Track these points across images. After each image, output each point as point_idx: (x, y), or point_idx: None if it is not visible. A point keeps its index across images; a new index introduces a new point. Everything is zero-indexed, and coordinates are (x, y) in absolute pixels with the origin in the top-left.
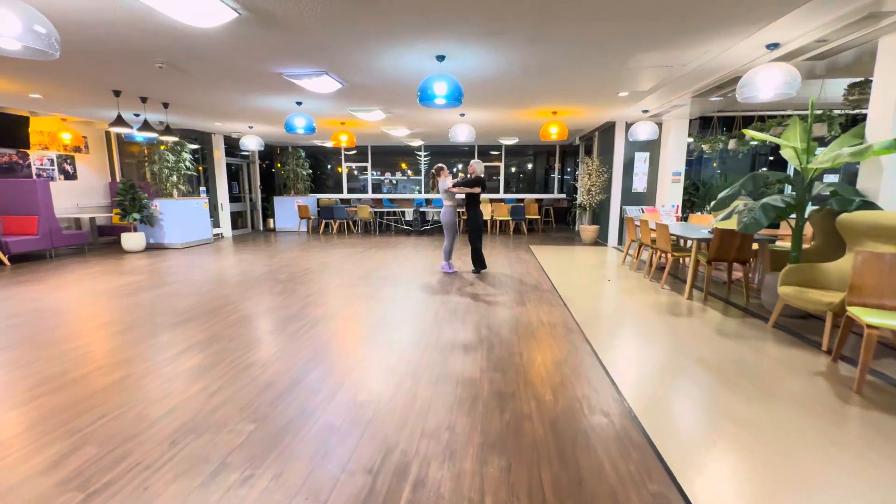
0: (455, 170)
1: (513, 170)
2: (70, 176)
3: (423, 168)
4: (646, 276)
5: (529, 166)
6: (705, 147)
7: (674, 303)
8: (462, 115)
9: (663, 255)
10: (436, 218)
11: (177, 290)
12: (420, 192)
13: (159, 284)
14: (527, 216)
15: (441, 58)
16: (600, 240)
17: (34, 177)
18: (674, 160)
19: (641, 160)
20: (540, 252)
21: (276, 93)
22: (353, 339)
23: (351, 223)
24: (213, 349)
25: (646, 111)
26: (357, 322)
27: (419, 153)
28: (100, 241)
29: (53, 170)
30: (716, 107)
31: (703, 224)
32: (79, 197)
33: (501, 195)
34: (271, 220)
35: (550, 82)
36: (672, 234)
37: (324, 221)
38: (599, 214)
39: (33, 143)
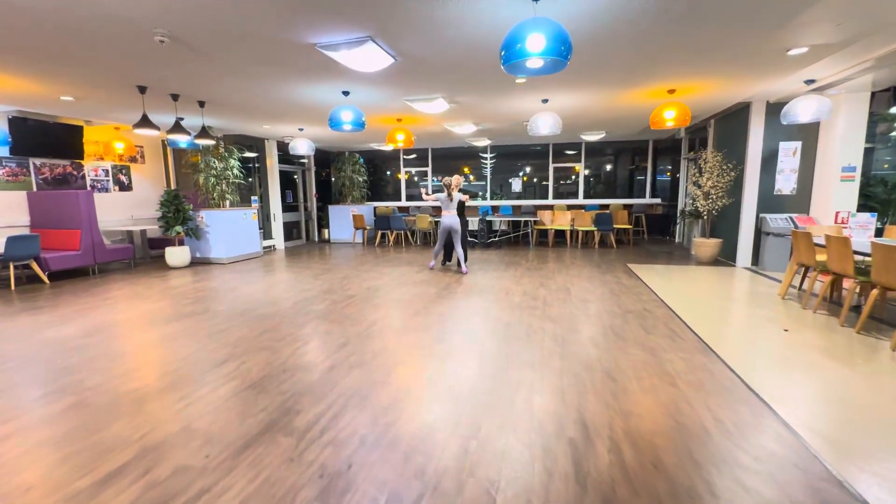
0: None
1: (586, 171)
2: (125, 187)
3: (488, 172)
4: (816, 312)
5: (608, 167)
6: None
7: None
8: (545, 100)
9: (854, 283)
10: (504, 228)
11: (190, 327)
12: (485, 198)
13: (175, 316)
14: (615, 226)
15: None
16: (723, 257)
17: (88, 188)
18: (845, 150)
19: (788, 152)
20: (646, 274)
21: (315, 78)
22: (394, 464)
23: (409, 234)
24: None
25: (810, 81)
26: (410, 421)
27: (484, 155)
28: (151, 254)
29: (108, 181)
30: None
31: None
32: (133, 208)
33: (581, 201)
34: (326, 231)
35: (691, 36)
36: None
37: (380, 232)
38: (719, 224)
39: (88, 154)
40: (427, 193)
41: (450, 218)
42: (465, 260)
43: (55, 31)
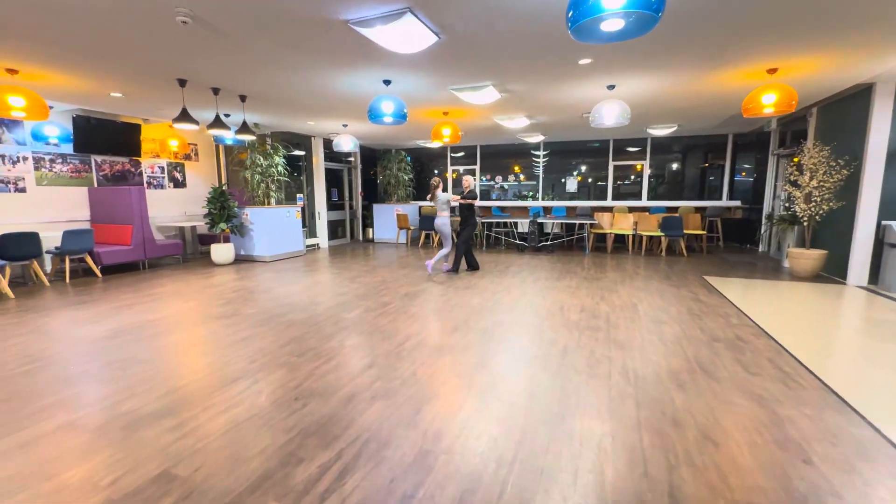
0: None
1: (648, 171)
2: (179, 184)
3: (540, 171)
4: None
5: (674, 166)
6: None
7: None
8: (611, 86)
9: None
10: (556, 231)
11: (213, 333)
12: (537, 198)
13: (203, 319)
14: (685, 231)
15: None
16: (827, 272)
17: (144, 185)
18: None
19: None
20: (730, 290)
21: (352, 65)
22: None
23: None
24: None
25: None
26: (438, 491)
27: (536, 153)
28: (200, 249)
29: (163, 177)
30: None
31: None
32: (186, 205)
33: (645, 202)
34: (370, 230)
35: None
36: None
37: (423, 233)
38: (823, 232)
39: (145, 151)
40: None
41: (437, 220)
42: (454, 268)
43: (76, 17)
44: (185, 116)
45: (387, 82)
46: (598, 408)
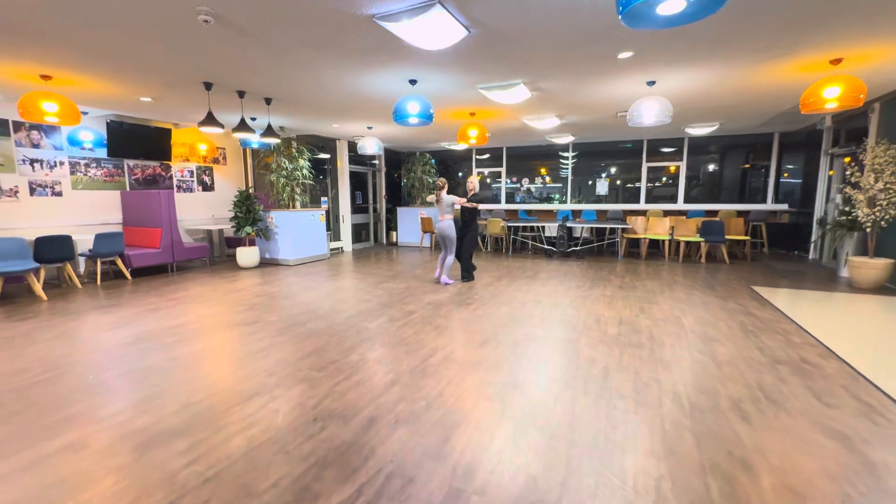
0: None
1: (685, 172)
2: (208, 187)
3: (569, 173)
4: None
5: (711, 168)
6: None
7: None
8: (651, 83)
9: None
10: (586, 235)
11: (234, 341)
12: (564, 201)
13: (225, 326)
14: (726, 237)
15: None
16: (894, 284)
17: (175, 188)
18: None
19: None
20: (785, 303)
21: (377, 64)
22: None
23: (479, 239)
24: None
25: None
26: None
27: (565, 154)
28: (227, 252)
29: (192, 181)
30: None
31: None
32: (214, 208)
33: (681, 206)
34: (394, 234)
35: None
36: None
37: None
38: (888, 239)
39: (175, 155)
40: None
41: (441, 223)
42: (466, 274)
43: (100, 21)
44: (210, 120)
45: (413, 82)
46: (650, 442)
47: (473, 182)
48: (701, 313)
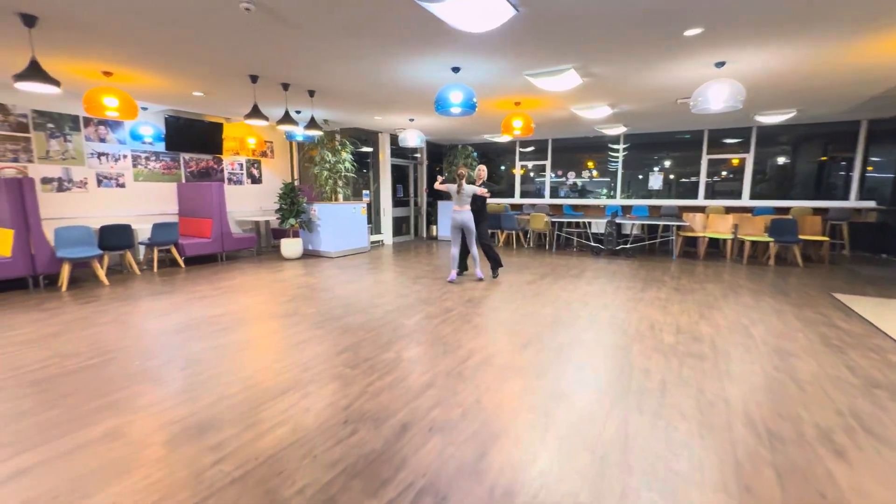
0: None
1: (752, 165)
2: (256, 180)
3: (619, 166)
4: None
5: (781, 160)
6: None
7: None
8: (720, 63)
9: None
10: (637, 232)
11: (271, 333)
12: (613, 195)
13: (265, 317)
14: (800, 237)
15: None
16: None
17: (226, 181)
18: None
19: None
20: (877, 315)
21: (418, 50)
22: None
23: (521, 234)
24: None
25: None
26: None
27: (614, 146)
28: (273, 243)
29: (242, 174)
30: None
31: None
32: (262, 200)
33: (746, 202)
34: (434, 227)
35: None
36: None
37: (489, 231)
38: None
39: (226, 149)
40: (441, 183)
41: (461, 214)
42: (497, 267)
43: (148, 14)
44: (255, 112)
45: (455, 70)
46: (721, 476)
47: (483, 171)
48: (773, 322)
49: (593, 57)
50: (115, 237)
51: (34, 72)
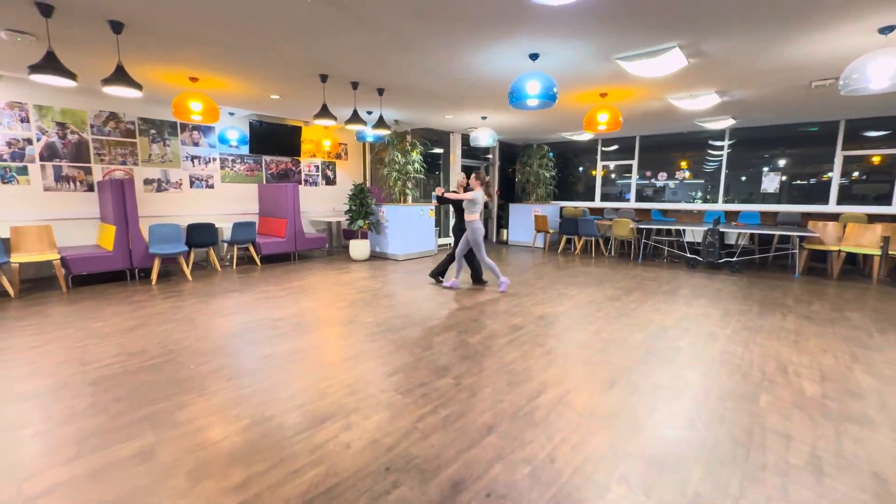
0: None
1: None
2: (330, 181)
3: (724, 165)
4: None
5: (876, 160)
6: None
7: None
8: (886, 29)
9: None
10: (744, 243)
11: (324, 343)
12: (712, 200)
13: (322, 324)
14: None
15: None
16: None
17: (302, 182)
18: None
19: None
20: None
21: (491, 35)
22: None
23: (601, 242)
24: None
25: None
26: None
27: (716, 143)
28: (343, 243)
29: (317, 175)
30: None
31: None
32: (335, 201)
33: (833, 208)
34: (505, 232)
35: None
36: None
37: (564, 237)
38: None
39: (304, 152)
40: (446, 192)
41: (478, 223)
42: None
43: (215, 13)
44: (324, 112)
45: (534, 57)
46: None
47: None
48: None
49: (707, 30)
50: (200, 235)
51: (119, 76)
